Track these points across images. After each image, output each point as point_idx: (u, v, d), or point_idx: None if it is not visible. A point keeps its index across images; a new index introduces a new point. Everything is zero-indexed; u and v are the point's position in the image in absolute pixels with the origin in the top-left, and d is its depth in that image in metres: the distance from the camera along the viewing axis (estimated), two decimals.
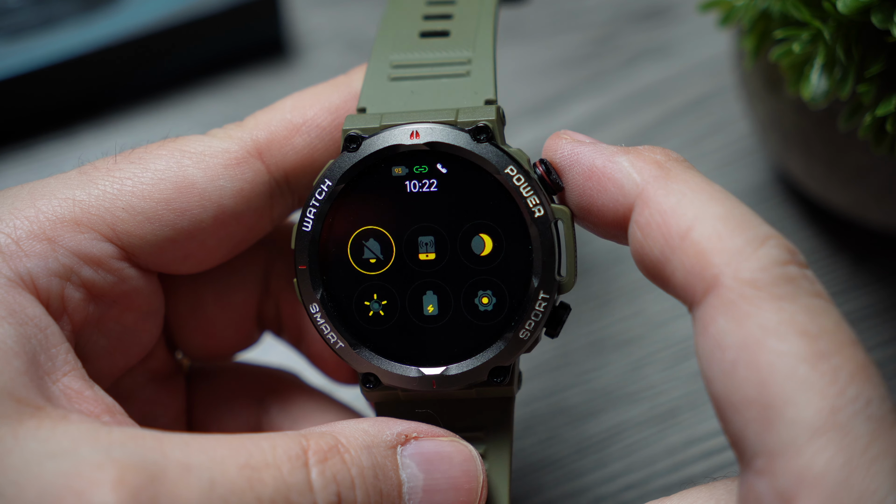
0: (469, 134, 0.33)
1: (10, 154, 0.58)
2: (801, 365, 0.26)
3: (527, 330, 0.33)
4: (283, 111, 0.35)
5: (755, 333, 0.26)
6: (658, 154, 0.31)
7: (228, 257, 0.36)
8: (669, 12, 0.65)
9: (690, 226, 0.29)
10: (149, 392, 0.37)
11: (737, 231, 0.28)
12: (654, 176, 0.30)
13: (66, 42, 0.57)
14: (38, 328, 0.30)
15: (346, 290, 0.34)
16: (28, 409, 0.27)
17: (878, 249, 0.54)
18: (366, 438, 0.31)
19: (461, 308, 0.34)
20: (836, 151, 0.46)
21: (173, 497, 0.26)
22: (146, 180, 0.33)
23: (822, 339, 0.26)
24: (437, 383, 0.33)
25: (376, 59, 0.36)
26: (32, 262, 0.31)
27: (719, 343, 0.27)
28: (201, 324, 0.38)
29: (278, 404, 0.39)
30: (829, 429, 0.25)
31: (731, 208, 0.29)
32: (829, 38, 0.38)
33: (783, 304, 0.27)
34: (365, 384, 0.34)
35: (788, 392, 0.26)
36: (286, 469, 0.28)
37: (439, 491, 0.32)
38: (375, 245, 0.34)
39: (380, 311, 0.34)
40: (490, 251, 0.33)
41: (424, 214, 0.33)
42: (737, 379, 0.27)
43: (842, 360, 0.26)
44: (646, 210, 0.30)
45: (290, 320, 0.39)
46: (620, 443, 0.48)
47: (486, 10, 0.38)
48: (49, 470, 0.26)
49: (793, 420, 0.25)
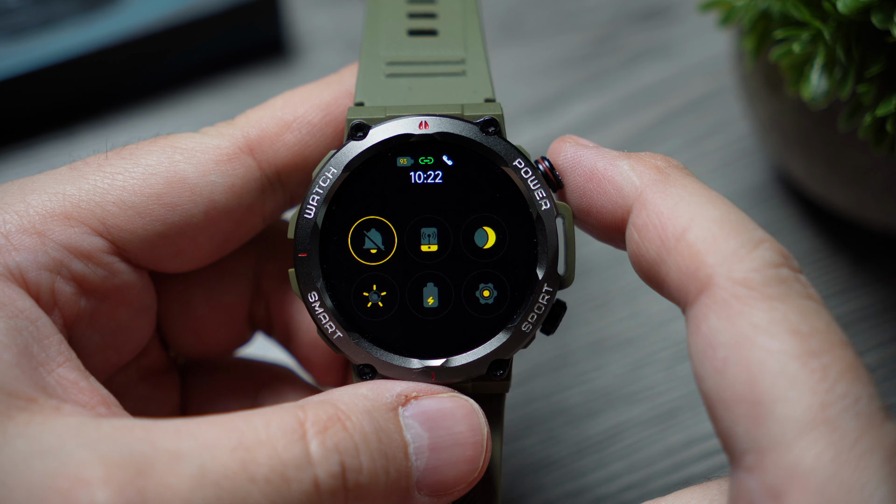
0: (478, 126, 0.33)
1: (10, 154, 0.58)
2: (792, 362, 0.26)
3: (529, 323, 0.33)
4: (274, 109, 0.35)
5: (746, 331, 0.27)
6: (659, 160, 0.32)
7: (219, 256, 0.36)
8: (669, 12, 0.65)
9: (686, 227, 0.29)
10: (143, 389, 0.37)
11: (732, 234, 0.28)
12: (653, 180, 0.31)
13: (66, 42, 0.57)
14: (28, 320, 0.30)
15: (345, 281, 0.34)
16: (19, 402, 0.27)
17: (878, 249, 0.54)
18: (365, 403, 0.31)
19: (462, 301, 0.34)
20: (836, 151, 0.46)
21: (163, 488, 0.26)
22: (137, 175, 0.33)
23: (812, 338, 0.26)
24: (437, 375, 0.33)
25: (368, 57, 0.36)
26: (22, 256, 0.31)
27: (711, 341, 0.27)
28: (192, 324, 0.38)
29: (273, 399, 0.39)
30: (819, 425, 0.25)
31: (727, 212, 0.29)
32: (829, 38, 0.38)
33: (775, 303, 0.27)
34: (361, 376, 0.34)
35: (778, 389, 0.26)
36: (281, 445, 0.28)
37: (445, 448, 0.32)
38: (377, 235, 0.34)
39: (378, 303, 0.34)
40: (493, 244, 0.34)
41: (428, 206, 0.33)
42: (727, 376, 0.27)
43: (832, 358, 0.26)
44: (643, 212, 0.30)
45: (280, 321, 0.39)
46: (620, 443, 0.48)
47: (469, 10, 0.38)
48: (37, 469, 0.26)
49: (782, 416, 0.26)
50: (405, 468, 0.31)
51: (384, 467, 0.30)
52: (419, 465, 0.31)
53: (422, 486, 0.31)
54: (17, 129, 0.58)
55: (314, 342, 0.38)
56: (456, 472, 0.32)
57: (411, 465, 0.31)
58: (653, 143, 0.59)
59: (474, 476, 0.32)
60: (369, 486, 0.29)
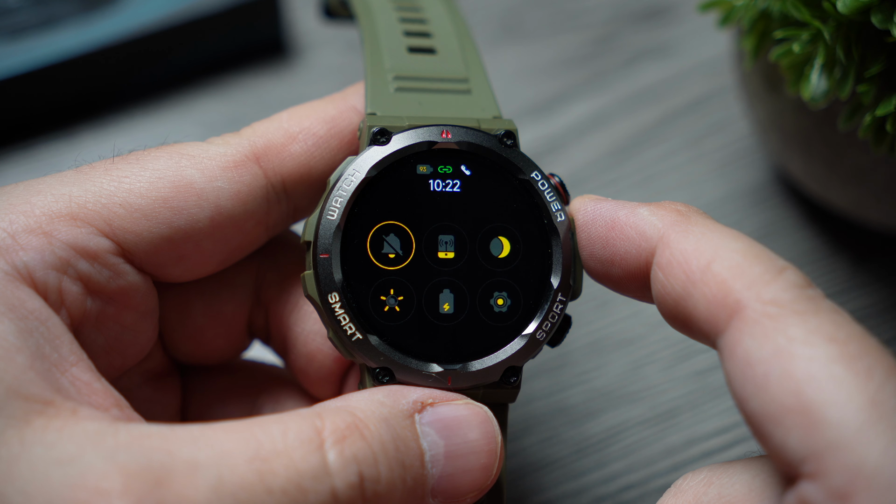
0: (496, 139, 0.34)
1: (10, 154, 0.58)
2: (835, 365, 0.26)
3: (543, 331, 0.34)
4: (280, 121, 0.36)
5: (783, 345, 0.27)
6: (678, 205, 0.32)
7: (222, 266, 0.36)
8: (669, 12, 0.65)
9: (711, 259, 0.29)
10: (145, 391, 0.37)
11: (756, 261, 0.29)
12: (675, 221, 0.31)
13: (66, 42, 0.57)
14: (39, 321, 0.30)
15: (363, 284, 0.34)
16: (36, 406, 0.27)
17: (878, 249, 0.54)
18: (383, 410, 0.31)
19: (476, 308, 0.34)
20: (836, 151, 0.46)
21: (181, 499, 0.26)
22: (143, 179, 0.33)
23: (850, 343, 0.26)
24: (453, 380, 0.34)
25: (374, 71, 0.37)
26: (29, 256, 0.31)
27: (748, 360, 0.27)
28: (191, 333, 0.38)
29: (272, 402, 0.39)
30: (876, 421, 0.25)
31: (749, 244, 0.30)
32: (829, 38, 0.38)
33: (807, 317, 0.27)
34: (378, 379, 0.34)
35: (827, 393, 0.26)
36: (298, 455, 0.28)
37: (461, 455, 0.32)
38: (395, 240, 0.34)
39: (395, 307, 0.34)
40: (508, 254, 0.34)
41: (446, 213, 0.34)
42: (771, 391, 0.27)
43: (873, 360, 0.26)
44: (667, 251, 0.31)
45: (277, 331, 0.39)
46: (620, 443, 0.48)
47: (462, 31, 0.40)
48: (56, 478, 0.26)
49: (837, 419, 0.25)
50: (421, 476, 0.31)
51: (401, 476, 0.30)
52: (434, 472, 0.31)
53: (436, 493, 0.31)
54: (17, 129, 0.58)
55: (311, 354, 0.38)
56: (470, 479, 0.32)
57: (427, 473, 0.31)
58: (653, 143, 0.59)
59: (488, 483, 0.32)
60: (386, 495, 0.29)
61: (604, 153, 0.59)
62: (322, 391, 0.39)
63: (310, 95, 0.63)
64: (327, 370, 0.38)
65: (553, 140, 0.59)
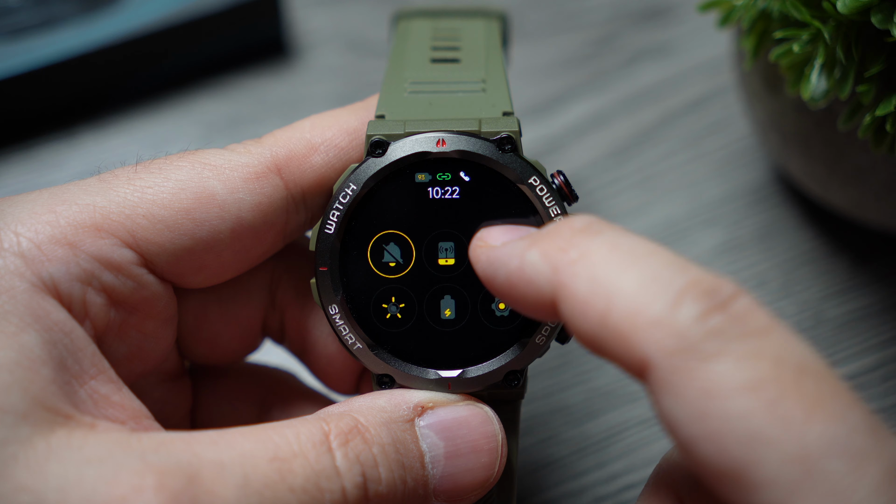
0: (494, 144, 0.34)
1: (10, 154, 0.58)
2: (753, 420, 0.24)
3: (542, 335, 0.34)
4: (303, 130, 0.35)
5: (699, 404, 0.25)
6: (574, 223, 0.29)
7: (240, 272, 0.36)
8: (669, 12, 0.65)
9: (606, 308, 0.27)
10: (159, 393, 0.38)
11: (651, 299, 0.26)
12: (562, 263, 0.28)
13: (66, 42, 0.57)
14: (63, 333, 0.30)
15: (364, 293, 0.34)
16: (58, 419, 0.28)
17: (878, 249, 0.54)
18: (383, 415, 0.32)
19: (478, 313, 0.35)
20: (836, 151, 0.46)
21: (212, 496, 0.26)
22: (167, 189, 0.33)
23: (763, 388, 0.25)
24: (453, 386, 0.34)
25: (391, 78, 0.37)
26: (55, 267, 0.31)
27: (672, 422, 0.26)
28: (207, 336, 0.38)
29: (280, 404, 0.40)
30: (806, 480, 0.24)
31: (641, 272, 0.27)
32: (829, 38, 0.38)
33: (714, 365, 0.25)
34: (381, 385, 0.35)
35: (750, 453, 0.24)
36: (312, 456, 0.29)
37: (461, 455, 0.32)
38: (396, 249, 0.34)
39: (397, 314, 0.35)
40: None
41: (446, 220, 0.34)
42: (701, 454, 0.25)
43: (792, 402, 0.24)
44: (564, 305, 0.28)
45: (296, 333, 0.39)
46: (620, 443, 0.48)
47: (493, 44, 0.40)
48: (90, 476, 0.26)
49: (766, 480, 0.24)
50: (422, 477, 0.32)
51: (402, 477, 0.31)
52: (435, 472, 0.32)
53: (439, 492, 0.32)
54: (17, 129, 0.58)
55: (332, 355, 0.39)
56: (472, 478, 0.33)
57: (428, 474, 0.32)
58: (653, 143, 0.59)
59: (490, 481, 0.33)
60: (388, 495, 0.30)
61: (604, 153, 0.59)
62: (342, 386, 0.40)
63: (310, 95, 0.63)
64: (347, 368, 0.39)
65: (553, 140, 0.59)
